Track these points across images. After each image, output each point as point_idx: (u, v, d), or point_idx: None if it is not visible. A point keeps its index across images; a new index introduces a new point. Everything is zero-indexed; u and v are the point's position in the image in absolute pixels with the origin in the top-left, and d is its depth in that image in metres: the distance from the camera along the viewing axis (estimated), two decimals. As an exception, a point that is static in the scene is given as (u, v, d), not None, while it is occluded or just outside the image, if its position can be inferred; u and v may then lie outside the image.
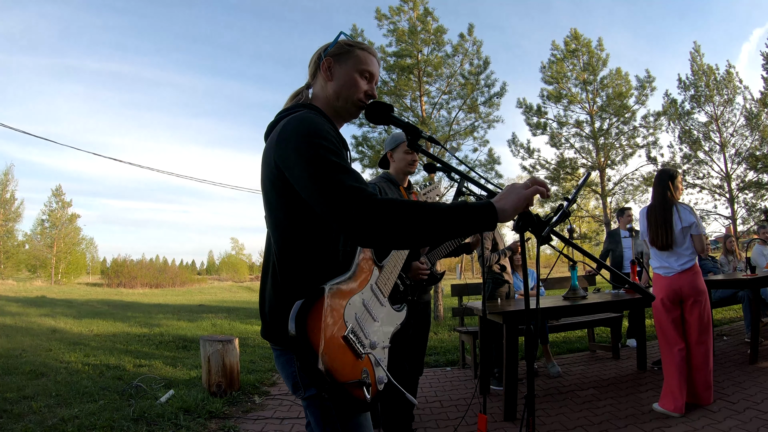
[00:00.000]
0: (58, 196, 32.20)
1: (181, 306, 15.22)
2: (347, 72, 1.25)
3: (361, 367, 1.07)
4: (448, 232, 0.96)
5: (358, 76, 1.25)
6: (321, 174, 0.99)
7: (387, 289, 1.26)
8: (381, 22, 9.73)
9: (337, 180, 0.97)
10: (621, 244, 5.50)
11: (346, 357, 1.04)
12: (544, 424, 2.95)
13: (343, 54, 1.26)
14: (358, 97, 1.26)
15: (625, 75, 11.92)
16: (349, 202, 0.94)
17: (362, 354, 1.08)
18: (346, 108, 1.27)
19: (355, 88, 1.25)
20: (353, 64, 1.25)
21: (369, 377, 1.09)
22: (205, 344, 3.74)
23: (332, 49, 1.26)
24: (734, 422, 2.76)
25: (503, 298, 3.98)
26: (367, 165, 9.33)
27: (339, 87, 1.24)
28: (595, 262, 1.21)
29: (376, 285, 1.23)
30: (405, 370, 2.45)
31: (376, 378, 1.12)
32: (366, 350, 1.10)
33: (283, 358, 1.13)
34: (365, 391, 1.04)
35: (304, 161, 1.01)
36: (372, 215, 0.93)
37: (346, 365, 1.03)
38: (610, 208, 11.98)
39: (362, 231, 0.94)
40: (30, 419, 3.05)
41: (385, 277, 1.27)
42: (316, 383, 0.99)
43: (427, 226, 0.94)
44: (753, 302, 4.10)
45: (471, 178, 1.35)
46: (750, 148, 12.81)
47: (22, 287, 23.80)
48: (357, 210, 0.93)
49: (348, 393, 1.00)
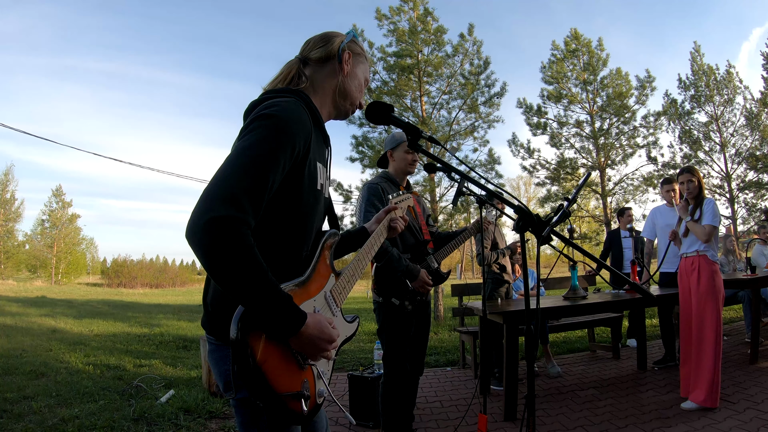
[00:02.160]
0: (58, 196, 32.25)
1: (182, 306, 15.23)
2: (360, 75, 1.25)
3: (302, 377, 1.02)
4: (246, 304, 0.90)
5: (362, 84, 1.27)
6: (231, 162, 0.93)
7: (341, 298, 1.20)
8: (381, 22, 9.73)
9: (231, 181, 0.90)
10: (621, 244, 5.51)
11: (288, 366, 0.98)
12: (544, 424, 2.95)
13: (358, 56, 1.26)
14: (360, 101, 1.26)
15: (625, 75, 11.91)
16: (208, 207, 0.86)
17: (304, 365, 1.02)
18: (346, 108, 1.26)
19: (360, 91, 1.26)
20: (364, 71, 1.26)
21: (309, 389, 1.03)
22: (205, 344, 3.73)
23: (349, 43, 1.24)
24: (734, 422, 2.75)
25: (503, 298, 3.99)
26: (367, 165, 9.33)
27: (350, 86, 1.24)
28: (595, 262, 1.21)
29: (330, 293, 1.16)
30: (406, 370, 2.45)
31: (316, 391, 1.06)
32: (309, 361, 1.04)
33: (218, 354, 1.06)
34: (302, 403, 0.98)
35: (241, 142, 0.97)
36: (204, 234, 0.85)
37: (286, 375, 0.97)
38: (611, 208, 11.97)
39: (189, 239, 0.86)
40: (30, 419, 3.05)
41: (341, 286, 1.21)
42: (251, 390, 0.92)
43: (232, 285, 0.87)
44: (753, 302, 4.10)
45: (471, 178, 1.35)
46: (750, 148, 12.82)
47: (23, 287, 23.81)
48: (207, 221, 0.85)
49: (284, 404, 0.95)
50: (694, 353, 3.12)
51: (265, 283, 0.89)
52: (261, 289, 0.89)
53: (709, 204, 3.23)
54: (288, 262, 1.09)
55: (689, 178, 3.29)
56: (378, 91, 9.39)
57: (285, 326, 0.93)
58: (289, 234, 1.08)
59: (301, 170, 1.06)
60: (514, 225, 1.08)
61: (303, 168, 1.06)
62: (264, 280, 0.89)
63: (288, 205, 1.06)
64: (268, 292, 0.90)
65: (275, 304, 0.91)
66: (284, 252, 1.08)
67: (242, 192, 0.89)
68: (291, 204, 1.06)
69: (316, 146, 1.13)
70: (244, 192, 0.89)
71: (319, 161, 1.15)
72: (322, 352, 1.01)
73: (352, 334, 1.26)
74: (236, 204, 0.87)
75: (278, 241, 1.06)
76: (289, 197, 1.05)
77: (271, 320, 0.92)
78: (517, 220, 1.09)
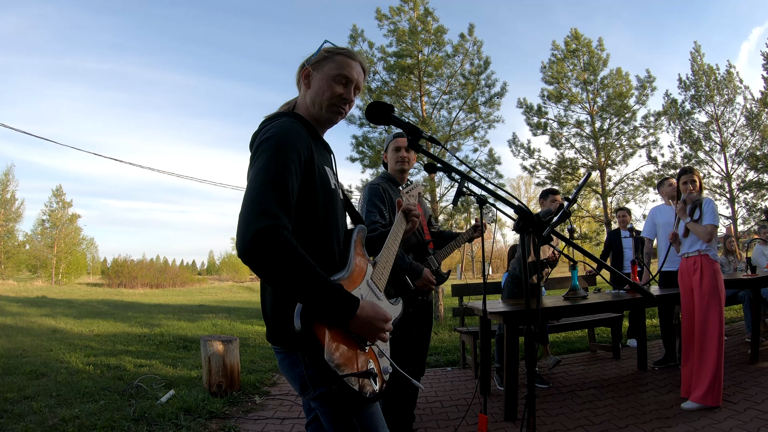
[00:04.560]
0: (58, 197, 32.23)
1: (182, 306, 15.23)
2: (322, 78, 1.27)
3: (366, 358, 1.12)
4: (305, 300, 1.01)
5: (332, 82, 1.27)
6: (253, 185, 1.05)
7: (381, 284, 1.30)
8: (381, 23, 9.73)
9: (260, 198, 1.02)
10: (621, 244, 5.51)
11: (351, 349, 1.08)
12: (544, 424, 2.95)
13: (322, 61, 1.28)
14: (331, 102, 1.27)
15: (625, 75, 11.92)
16: (250, 225, 0.98)
17: (366, 345, 1.13)
18: (323, 114, 1.29)
19: (328, 93, 1.26)
20: (328, 70, 1.27)
21: (375, 368, 1.12)
22: (205, 344, 3.74)
23: (314, 58, 1.29)
24: (735, 422, 2.75)
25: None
26: (368, 165, 9.33)
27: (314, 94, 1.28)
28: (596, 262, 1.21)
29: (372, 280, 1.26)
30: (408, 370, 2.45)
31: (381, 368, 1.16)
32: (368, 343, 1.14)
33: (288, 360, 1.15)
34: (372, 381, 1.09)
35: (255, 166, 1.09)
36: (254, 248, 0.97)
37: (352, 357, 1.07)
38: (611, 208, 11.97)
39: (244, 257, 0.98)
40: (30, 419, 3.05)
41: (378, 272, 1.30)
42: (325, 377, 1.02)
43: (290, 286, 0.99)
44: (753, 302, 4.09)
45: (471, 178, 1.35)
46: (750, 148, 12.82)
47: (23, 287, 23.82)
48: (252, 236, 0.97)
49: (356, 384, 1.04)
50: (696, 353, 3.12)
51: (316, 276, 1.01)
52: (314, 282, 1.00)
53: (708, 204, 3.24)
54: (324, 258, 1.17)
55: (691, 178, 3.29)
56: (378, 91, 9.39)
57: (343, 311, 1.04)
58: (318, 232, 1.18)
59: (312, 174, 1.16)
60: (515, 225, 1.09)
61: (313, 172, 1.16)
62: (315, 273, 1.01)
63: (310, 207, 1.16)
64: (321, 283, 1.01)
65: (329, 293, 1.02)
66: (318, 249, 1.17)
67: (272, 203, 1.02)
68: (312, 205, 1.17)
69: (318, 153, 1.22)
70: (273, 202, 1.02)
71: (326, 165, 1.26)
72: (379, 332, 1.11)
73: (399, 315, 1.36)
74: (270, 214, 1.00)
75: (310, 240, 1.15)
76: (309, 200, 1.16)
77: (330, 308, 1.03)
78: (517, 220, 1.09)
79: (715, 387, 2.97)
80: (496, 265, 37.38)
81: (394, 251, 1.40)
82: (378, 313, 1.10)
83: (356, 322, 1.06)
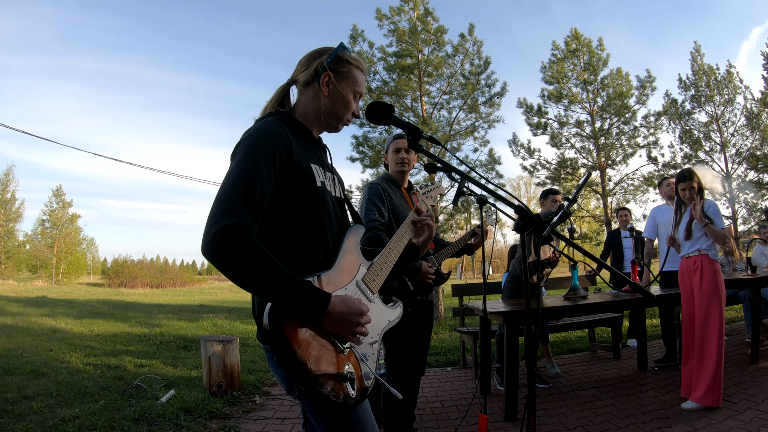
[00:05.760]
0: (58, 197, 32.26)
1: (182, 306, 15.23)
2: (343, 91, 1.28)
3: (344, 361, 1.09)
4: (270, 297, 1.01)
5: (350, 98, 1.29)
6: (223, 184, 1.05)
7: (375, 286, 1.26)
8: (381, 22, 9.73)
9: (226, 198, 1.01)
10: (621, 244, 5.50)
11: (326, 349, 1.06)
12: (544, 424, 2.95)
13: (343, 72, 1.28)
14: (347, 117, 1.31)
15: (625, 75, 11.92)
16: (213, 223, 0.98)
17: (345, 347, 1.10)
18: (334, 125, 1.32)
19: (347, 108, 1.30)
20: (349, 85, 1.29)
21: (354, 372, 1.09)
22: (205, 344, 3.74)
23: (331, 62, 1.27)
24: (735, 422, 2.75)
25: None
26: (368, 165, 9.33)
27: (333, 104, 1.28)
28: (596, 262, 1.21)
29: (363, 282, 1.23)
30: (409, 370, 2.45)
31: (362, 373, 1.12)
32: (347, 344, 1.11)
33: (275, 359, 1.14)
34: (349, 386, 1.06)
35: (229, 166, 1.10)
36: (215, 246, 0.97)
37: (326, 358, 1.05)
38: (611, 208, 11.97)
39: (206, 252, 0.97)
40: (31, 419, 3.05)
41: (373, 273, 1.27)
42: (291, 374, 1.01)
43: (252, 284, 0.99)
44: (754, 302, 4.09)
45: (472, 178, 1.35)
46: (750, 148, 12.81)
47: (23, 287, 23.83)
48: (213, 234, 0.96)
49: (327, 386, 1.02)
50: (696, 353, 3.12)
51: (278, 273, 0.99)
52: (276, 279, 0.98)
53: (712, 207, 3.25)
54: (307, 257, 1.16)
55: (690, 185, 3.29)
56: (378, 91, 9.39)
57: (311, 308, 1.02)
58: (300, 230, 1.17)
59: (291, 172, 1.15)
60: (515, 225, 1.09)
61: (293, 169, 1.15)
62: (277, 270, 0.99)
63: (291, 205, 1.15)
64: (284, 280, 0.99)
65: (295, 290, 1.00)
66: (300, 248, 1.16)
67: (236, 202, 1.01)
68: (293, 203, 1.15)
69: (302, 150, 1.20)
70: (237, 201, 1.01)
71: (314, 162, 1.24)
72: (355, 327, 1.08)
73: (396, 317, 1.32)
74: (234, 213, 0.99)
75: (289, 239, 1.15)
76: (289, 198, 1.14)
77: (297, 305, 1.01)
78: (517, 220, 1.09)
79: (716, 387, 2.97)
80: (497, 265, 37.39)
81: (396, 255, 1.37)
82: (351, 307, 1.07)
83: (329, 319, 1.04)
